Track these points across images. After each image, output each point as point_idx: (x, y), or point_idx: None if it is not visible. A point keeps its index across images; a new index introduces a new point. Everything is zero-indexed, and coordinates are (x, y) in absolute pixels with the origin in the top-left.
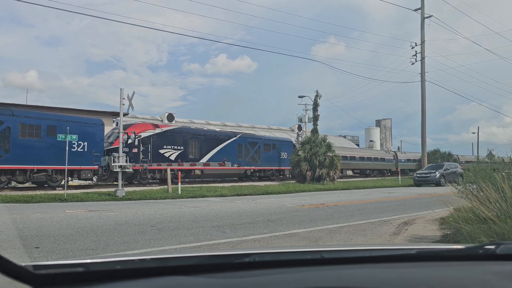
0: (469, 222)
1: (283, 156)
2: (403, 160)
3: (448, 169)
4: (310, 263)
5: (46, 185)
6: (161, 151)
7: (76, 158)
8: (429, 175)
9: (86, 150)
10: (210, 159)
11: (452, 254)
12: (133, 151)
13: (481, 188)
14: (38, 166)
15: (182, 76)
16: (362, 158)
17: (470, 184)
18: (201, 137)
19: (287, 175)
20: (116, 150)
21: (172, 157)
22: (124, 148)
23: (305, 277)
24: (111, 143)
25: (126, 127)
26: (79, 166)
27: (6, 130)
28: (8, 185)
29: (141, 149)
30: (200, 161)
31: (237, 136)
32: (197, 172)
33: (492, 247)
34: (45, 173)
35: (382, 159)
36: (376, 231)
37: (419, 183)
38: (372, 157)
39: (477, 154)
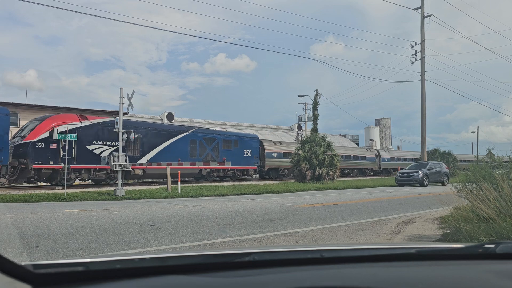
0: (468, 221)
1: (247, 154)
2: (386, 159)
3: (432, 169)
4: (310, 262)
5: None
6: (90, 147)
7: None
8: (411, 174)
9: None
10: (155, 157)
11: (451, 253)
12: (51, 147)
13: (480, 187)
14: None
15: (182, 75)
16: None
17: (469, 183)
18: (143, 131)
19: (253, 175)
20: (29, 144)
21: (104, 155)
22: (39, 144)
23: (305, 276)
24: (24, 137)
25: (43, 118)
26: None
27: None
28: None
29: (62, 145)
30: (141, 159)
31: (190, 131)
32: (138, 172)
33: (492, 246)
34: None
35: (363, 158)
36: (376, 230)
37: (401, 183)
38: (352, 155)
39: (476, 153)
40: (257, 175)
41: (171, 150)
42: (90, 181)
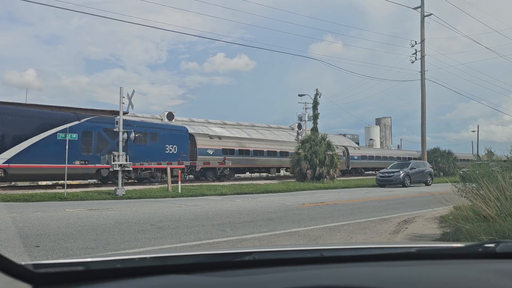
0: (468, 220)
1: (170, 150)
2: (356, 157)
3: (415, 168)
4: (310, 261)
5: None
6: None
7: None
8: (392, 174)
9: None
10: (23, 153)
11: (452, 252)
12: None
13: (480, 186)
14: None
15: (181, 74)
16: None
17: (469, 182)
18: (5, 117)
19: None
20: None
21: None
22: None
23: (305, 275)
24: None
25: None
26: None
27: None
28: None
29: None
30: (0, 155)
31: (82, 120)
32: None
33: (492, 245)
34: None
35: None
36: (376, 230)
37: (382, 183)
38: None
39: (477, 152)
40: (191, 176)
41: (50, 144)
42: None
